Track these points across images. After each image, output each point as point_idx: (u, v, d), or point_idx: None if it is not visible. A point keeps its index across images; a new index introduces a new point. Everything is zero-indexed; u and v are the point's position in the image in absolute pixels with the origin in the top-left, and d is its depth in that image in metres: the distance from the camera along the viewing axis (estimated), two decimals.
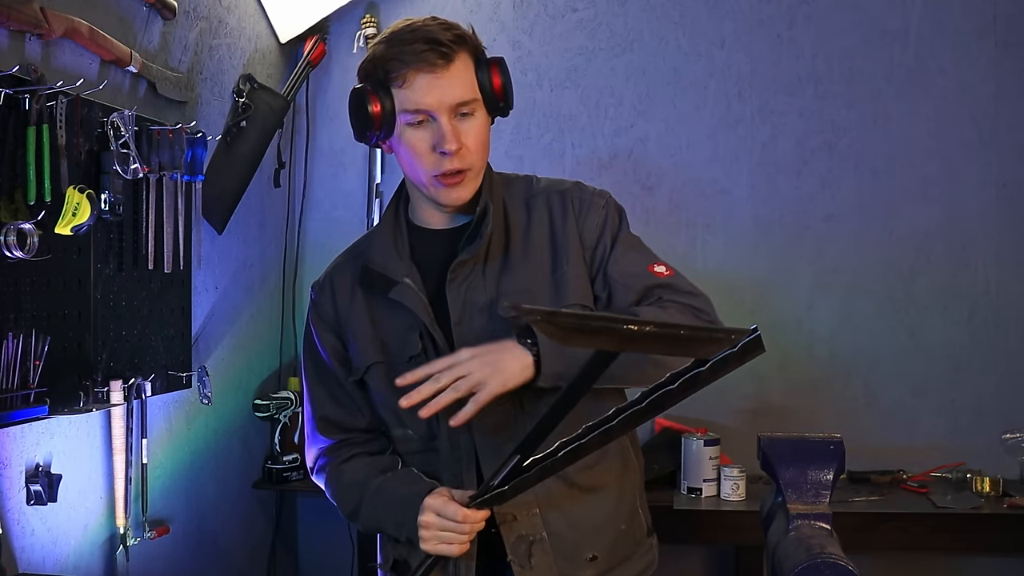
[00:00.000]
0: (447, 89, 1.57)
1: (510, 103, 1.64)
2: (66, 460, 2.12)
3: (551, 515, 1.63)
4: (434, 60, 1.55)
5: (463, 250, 1.63)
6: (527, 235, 1.66)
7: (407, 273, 1.64)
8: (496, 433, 1.60)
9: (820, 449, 1.56)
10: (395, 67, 1.57)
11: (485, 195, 1.65)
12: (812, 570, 1.38)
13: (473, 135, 1.60)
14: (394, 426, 1.70)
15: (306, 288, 3.26)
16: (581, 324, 1.27)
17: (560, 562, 1.62)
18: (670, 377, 1.32)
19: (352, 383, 1.72)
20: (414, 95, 1.57)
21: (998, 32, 3.01)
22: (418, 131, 1.59)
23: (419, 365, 1.58)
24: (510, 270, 1.64)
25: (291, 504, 3.32)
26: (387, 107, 1.59)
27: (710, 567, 3.19)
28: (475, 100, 1.60)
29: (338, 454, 1.74)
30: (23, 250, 1.87)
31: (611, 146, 3.17)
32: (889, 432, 3.06)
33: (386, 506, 1.64)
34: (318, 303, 1.75)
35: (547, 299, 1.62)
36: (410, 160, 1.61)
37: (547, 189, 1.71)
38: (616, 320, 1.31)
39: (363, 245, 1.76)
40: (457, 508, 1.52)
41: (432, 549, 1.54)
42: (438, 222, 1.69)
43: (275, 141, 3.05)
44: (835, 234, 3.08)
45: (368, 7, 3.25)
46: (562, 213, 1.67)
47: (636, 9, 3.16)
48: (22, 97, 1.90)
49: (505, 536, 1.61)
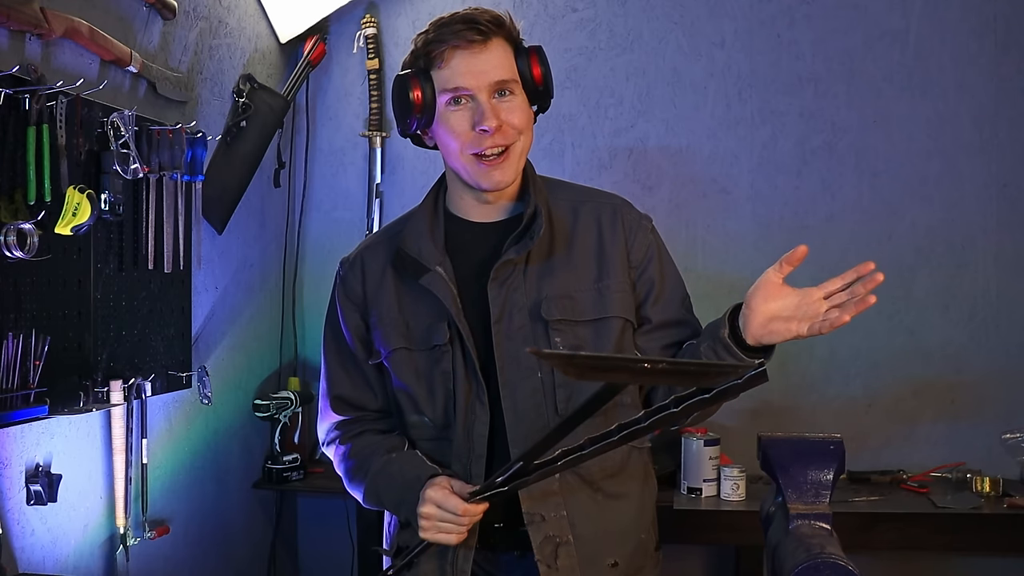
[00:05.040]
0: (485, 67, 1.58)
1: (550, 91, 1.66)
2: (66, 460, 2.12)
3: (578, 519, 1.64)
4: (471, 37, 1.57)
5: (510, 249, 1.63)
6: (572, 240, 1.67)
7: (440, 262, 1.65)
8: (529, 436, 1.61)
9: (820, 449, 1.56)
10: (434, 47, 1.59)
11: (534, 195, 1.66)
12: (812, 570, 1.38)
13: (514, 114, 1.61)
14: (410, 412, 1.71)
15: (306, 288, 3.31)
16: (598, 364, 1.32)
17: (584, 565, 1.64)
18: (674, 400, 1.35)
19: (371, 365, 1.74)
20: (452, 74, 1.59)
21: (998, 32, 3.01)
22: (457, 111, 1.60)
23: (442, 355, 1.63)
24: (552, 274, 1.65)
25: (291, 504, 3.32)
26: (427, 93, 1.60)
27: (710, 567, 3.19)
28: (514, 81, 1.61)
29: (348, 429, 1.77)
30: (23, 250, 1.87)
31: (611, 146, 3.17)
32: (889, 432, 3.06)
33: (388, 485, 1.67)
34: (347, 280, 1.76)
35: (589, 306, 1.64)
36: (449, 142, 1.62)
37: (596, 199, 1.73)
38: (631, 360, 1.38)
39: (398, 227, 1.75)
40: (458, 502, 1.55)
41: (431, 538, 1.58)
42: (477, 215, 1.70)
43: (275, 141, 3.05)
44: (835, 234, 3.08)
45: (368, 7, 3.25)
46: (611, 226, 1.68)
47: (636, 9, 3.16)
48: (22, 97, 1.90)
49: (532, 536, 1.63)
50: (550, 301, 1.63)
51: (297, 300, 3.28)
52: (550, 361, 1.50)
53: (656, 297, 1.70)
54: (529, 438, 1.60)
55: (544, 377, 1.63)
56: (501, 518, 1.65)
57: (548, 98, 1.67)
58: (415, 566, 1.66)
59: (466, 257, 1.67)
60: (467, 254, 1.68)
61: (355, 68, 3.27)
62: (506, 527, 1.66)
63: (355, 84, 3.28)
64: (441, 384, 1.66)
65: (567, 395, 1.63)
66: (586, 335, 1.64)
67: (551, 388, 1.63)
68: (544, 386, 1.63)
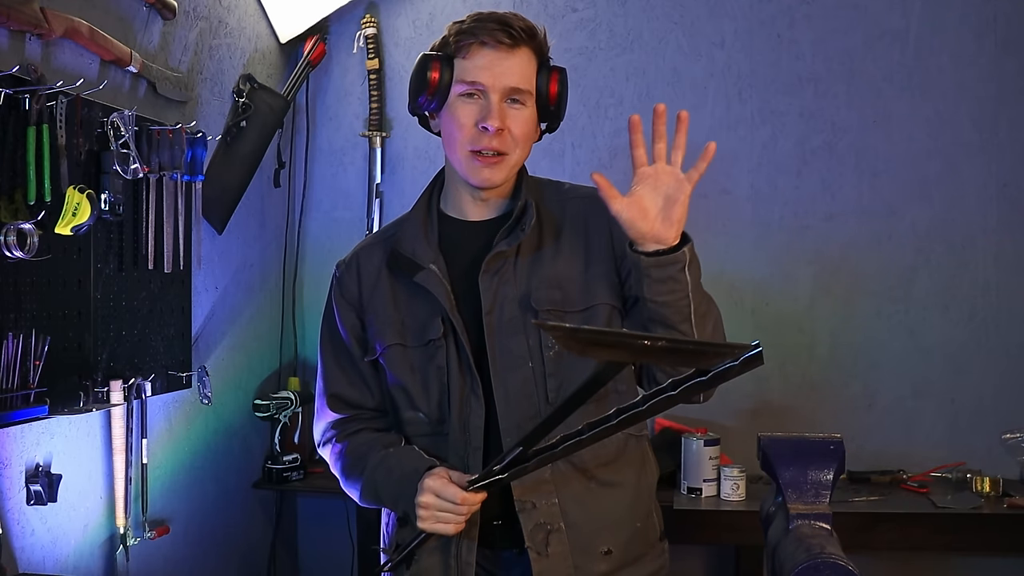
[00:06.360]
0: (506, 71, 1.61)
1: (561, 113, 1.69)
2: (66, 460, 2.12)
3: (569, 506, 1.65)
4: (501, 39, 1.60)
5: (501, 242, 1.66)
6: (560, 233, 1.70)
7: (433, 260, 1.68)
8: (521, 425, 1.63)
9: (820, 449, 1.56)
10: (464, 38, 1.62)
11: (525, 190, 1.70)
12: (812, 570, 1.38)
13: (519, 124, 1.64)
14: (405, 408, 1.72)
15: (307, 288, 3.31)
16: (599, 339, 1.34)
17: (576, 553, 1.65)
18: (672, 383, 1.36)
19: (367, 363, 1.75)
20: (473, 67, 1.61)
21: (998, 32, 3.01)
22: (468, 104, 1.63)
23: (436, 349, 1.66)
24: (542, 265, 1.68)
25: (291, 504, 3.32)
26: (445, 78, 1.63)
27: (710, 567, 3.19)
28: (529, 93, 1.64)
29: (344, 427, 1.78)
30: (23, 250, 1.87)
31: (611, 146, 3.17)
32: (889, 432, 3.06)
33: (385, 481, 1.68)
34: (343, 281, 1.78)
35: (577, 296, 1.67)
36: (452, 132, 1.65)
37: (582, 194, 1.76)
38: (631, 336, 1.37)
39: (393, 229, 1.79)
40: (456, 491, 1.55)
41: (429, 528, 1.59)
42: (470, 214, 1.72)
43: (275, 141, 3.05)
44: (835, 234, 3.08)
45: (368, 7, 3.25)
46: (597, 217, 1.70)
47: (636, 9, 3.16)
48: (22, 97, 1.90)
49: (524, 523, 1.64)
50: (540, 292, 1.66)
51: (297, 300, 3.28)
52: (553, 333, 1.52)
53: None
54: (520, 427, 1.62)
55: (535, 367, 1.65)
56: (499, 515, 1.66)
57: (558, 120, 1.70)
58: (416, 561, 1.66)
59: (459, 254, 1.70)
60: (460, 251, 1.70)
61: (355, 68, 3.27)
62: (504, 524, 1.67)
63: (355, 84, 3.28)
64: (436, 379, 1.67)
65: (557, 384, 1.65)
66: (576, 324, 1.64)
67: (542, 377, 1.65)
68: (535, 375, 1.65)
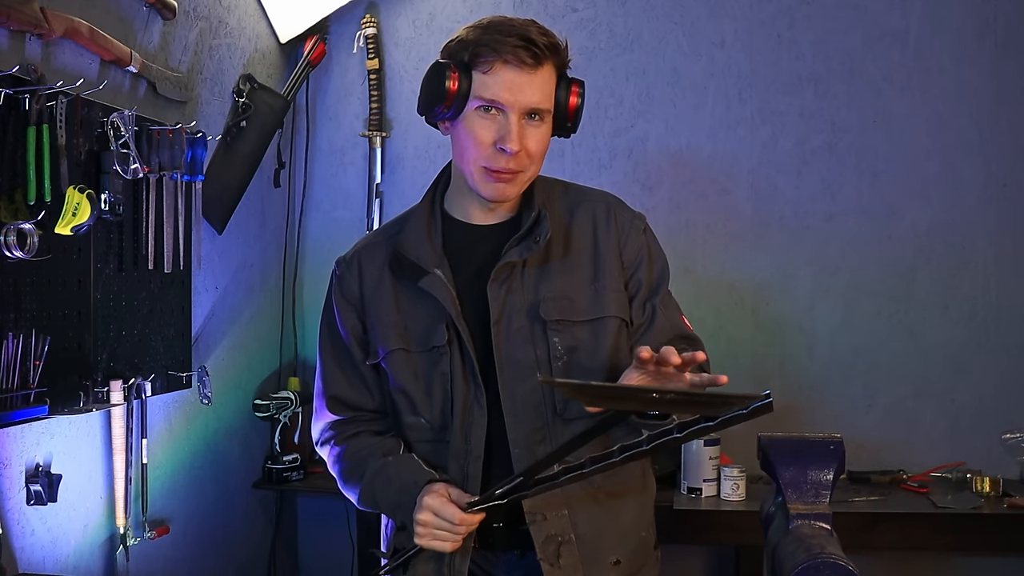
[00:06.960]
0: (527, 91, 1.58)
1: (576, 127, 1.67)
2: (66, 460, 2.12)
3: (579, 517, 1.65)
4: (525, 58, 1.56)
5: (512, 251, 1.64)
6: (569, 242, 1.68)
7: (438, 264, 1.65)
8: (529, 436, 1.63)
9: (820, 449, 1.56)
10: (485, 52, 1.58)
11: (539, 199, 1.67)
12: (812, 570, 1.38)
13: (536, 142, 1.61)
14: (406, 413, 1.71)
15: (307, 288, 3.31)
16: (608, 392, 1.36)
17: (587, 564, 1.65)
18: (678, 426, 1.38)
19: (368, 366, 1.73)
20: (495, 85, 1.57)
21: (998, 32, 3.01)
22: (485, 120, 1.59)
23: (440, 356, 1.64)
24: (550, 275, 1.66)
25: (291, 504, 3.32)
26: (463, 88, 1.59)
27: (710, 567, 3.19)
28: (548, 111, 1.61)
29: (343, 429, 1.77)
30: (23, 250, 1.87)
31: (611, 146, 3.17)
32: (889, 432, 3.05)
33: (383, 490, 1.67)
34: (343, 279, 1.76)
35: (586, 306, 1.66)
36: (467, 146, 1.61)
37: (590, 198, 1.74)
38: (640, 389, 1.40)
39: (395, 229, 1.75)
40: (455, 511, 1.55)
41: (426, 544, 1.58)
42: (476, 217, 1.70)
43: (275, 141, 3.05)
44: (835, 234, 3.08)
45: (368, 7, 3.25)
46: (606, 226, 1.69)
47: (636, 9, 3.16)
48: (22, 97, 1.90)
49: (534, 535, 1.64)
50: (548, 302, 1.64)
51: (297, 300, 3.27)
52: (562, 389, 1.55)
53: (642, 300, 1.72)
54: (529, 437, 1.62)
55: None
56: (501, 518, 1.66)
57: (571, 133, 1.68)
58: (411, 568, 1.66)
59: (464, 259, 1.68)
60: (465, 256, 1.68)
61: (355, 68, 3.27)
62: (506, 526, 1.67)
63: (355, 84, 3.28)
64: (439, 385, 1.66)
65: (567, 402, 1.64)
66: (583, 335, 1.65)
67: (550, 388, 1.64)
68: (543, 386, 1.64)
